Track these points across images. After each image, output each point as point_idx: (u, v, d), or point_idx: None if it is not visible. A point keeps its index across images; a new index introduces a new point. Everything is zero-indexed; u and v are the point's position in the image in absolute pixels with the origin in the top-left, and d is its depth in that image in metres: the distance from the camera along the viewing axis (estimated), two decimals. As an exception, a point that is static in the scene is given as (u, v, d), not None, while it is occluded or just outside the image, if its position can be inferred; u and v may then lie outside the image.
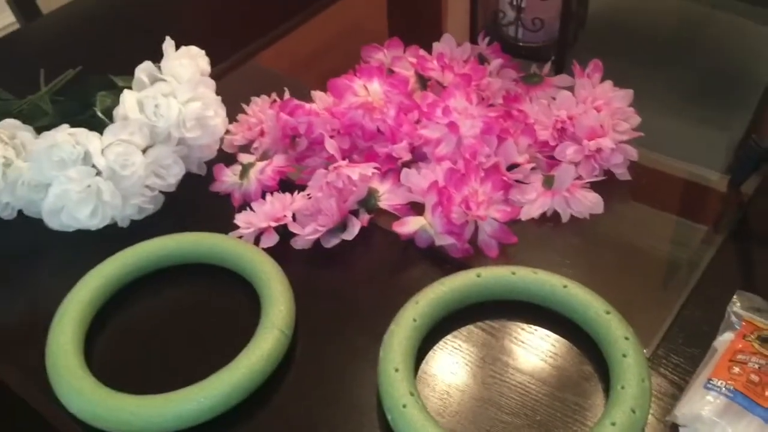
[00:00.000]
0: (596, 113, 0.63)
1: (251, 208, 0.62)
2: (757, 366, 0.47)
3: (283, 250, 0.59)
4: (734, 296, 0.52)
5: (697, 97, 0.72)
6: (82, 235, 0.60)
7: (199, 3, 0.95)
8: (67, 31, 0.92)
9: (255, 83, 0.75)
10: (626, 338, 0.49)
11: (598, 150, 0.62)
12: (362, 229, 0.60)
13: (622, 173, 0.63)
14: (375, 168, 0.61)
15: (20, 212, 0.63)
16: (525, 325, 0.54)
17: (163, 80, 0.61)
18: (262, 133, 0.68)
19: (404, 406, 0.46)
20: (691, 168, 0.65)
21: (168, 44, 0.63)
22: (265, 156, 0.67)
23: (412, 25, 0.83)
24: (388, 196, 0.62)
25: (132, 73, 0.66)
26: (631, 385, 0.46)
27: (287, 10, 0.89)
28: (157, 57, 0.64)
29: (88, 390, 0.48)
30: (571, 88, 0.67)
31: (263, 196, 0.63)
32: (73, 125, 0.59)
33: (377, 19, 0.90)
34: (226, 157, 0.68)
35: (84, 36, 0.90)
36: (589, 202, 0.60)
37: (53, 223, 0.59)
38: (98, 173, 0.58)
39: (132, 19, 0.91)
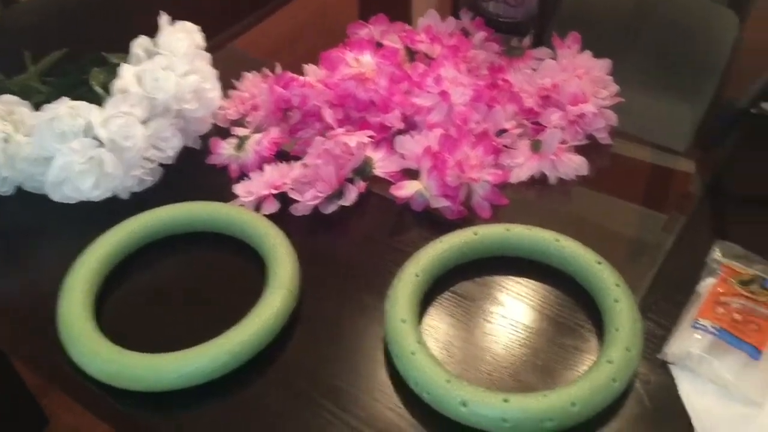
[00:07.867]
0: (578, 80, 0.66)
1: (249, 179, 0.63)
2: (739, 306, 0.50)
3: (282, 218, 0.61)
4: (714, 245, 0.56)
5: (662, 71, 0.76)
6: (82, 208, 0.61)
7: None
8: (45, 17, 0.92)
9: (235, 65, 0.76)
10: (617, 285, 0.52)
11: (581, 115, 0.65)
12: (358, 195, 0.62)
13: (604, 137, 0.66)
14: (369, 136, 0.63)
15: (18, 188, 0.63)
16: (520, 279, 0.56)
17: (160, 54, 0.62)
18: (254, 107, 0.70)
19: (413, 353, 0.48)
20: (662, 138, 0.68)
21: (164, 19, 0.64)
22: (258, 129, 0.68)
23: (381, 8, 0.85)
24: (382, 164, 0.64)
25: (117, 52, 0.67)
26: (625, 327, 0.49)
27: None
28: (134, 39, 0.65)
29: (103, 350, 0.49)
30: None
31: (260, 167, 0.64)
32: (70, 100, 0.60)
33: (345, 6, 0.92)
34: (219, 131, 0.69)
35: (63, 21, 0.90)
36: (575, 164, 0.63)
37: (56, 195, 0.59)
38: (100, 145, 0.59)
39: (104, 5, 0.92)
